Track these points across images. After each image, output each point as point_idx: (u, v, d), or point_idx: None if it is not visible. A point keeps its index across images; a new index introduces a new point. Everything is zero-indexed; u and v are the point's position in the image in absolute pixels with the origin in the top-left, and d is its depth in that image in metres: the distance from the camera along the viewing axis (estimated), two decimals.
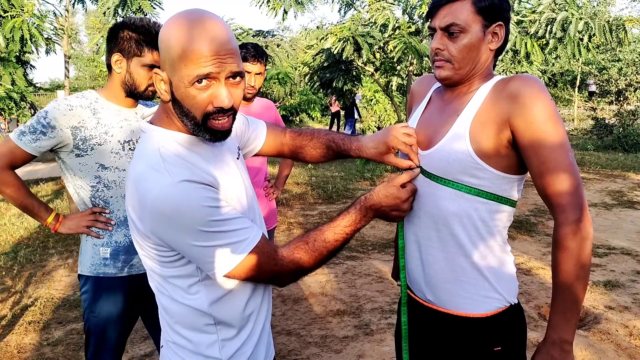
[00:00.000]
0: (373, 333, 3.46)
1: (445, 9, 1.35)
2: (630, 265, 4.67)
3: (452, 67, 1.36)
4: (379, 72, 10.03)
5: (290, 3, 8.22)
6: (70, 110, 1.93)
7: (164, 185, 1.08)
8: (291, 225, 6.35)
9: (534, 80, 1.28)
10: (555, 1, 7.49)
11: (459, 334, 1.41)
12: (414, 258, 1.49)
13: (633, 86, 15.23)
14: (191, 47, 1.09)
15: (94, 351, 2.09)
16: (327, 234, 1.26)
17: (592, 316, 3.67)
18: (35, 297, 4.22)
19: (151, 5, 6.19)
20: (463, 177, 1.34)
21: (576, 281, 1.27)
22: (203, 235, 1.10)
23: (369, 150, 1.48)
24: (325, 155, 1.58)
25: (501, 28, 1.36)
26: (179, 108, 1.15)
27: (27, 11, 5.69)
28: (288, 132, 1.61)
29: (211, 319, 1.23)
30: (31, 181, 9.83)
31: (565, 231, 1.26)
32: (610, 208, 6.87)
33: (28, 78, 6.33)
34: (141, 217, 1.13)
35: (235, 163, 1.31)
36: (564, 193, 1.26)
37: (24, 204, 2.03)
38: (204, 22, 1.11)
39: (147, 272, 1.27)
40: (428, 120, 1.48)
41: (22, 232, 6.17)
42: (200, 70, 1.09)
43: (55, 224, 2.08)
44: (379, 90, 17.20)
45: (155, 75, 1.16)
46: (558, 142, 1.25)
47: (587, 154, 11.71)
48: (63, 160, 2.00)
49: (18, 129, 1.95)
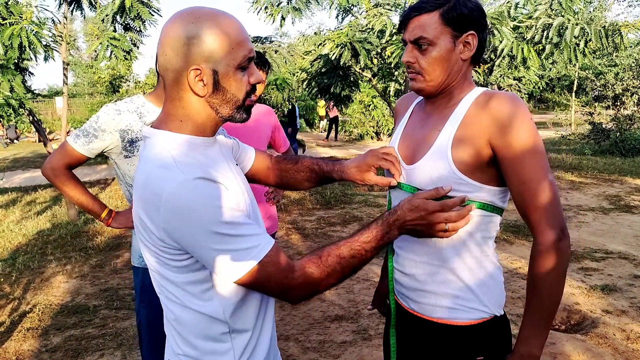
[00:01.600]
0: (371, 338, 3.46)
1: (414, 21, 1.34)
2: (627, 270, 4.68)
3: (424, 80, 1.36)
4: (376, 77, 10.06)
5: (288, 9, 8.25)
6: (119, 114, 2.09)
7: (177, 182, 1.06)
8: (289, 230, 6.36)
9: (515, 101, 1.28)
10: (551, 7, 7.54)
11: (442, 341, 1.41)
12: (400, 268, 1.49)
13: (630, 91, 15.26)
14: (234, 31, 1.14)
15: (148, 345, 2.19)
16: (343, 249, 1.19)
17: (589, 320, 3.68)
18: (34, 304, 4.22)
19: (149, 12, 6.20)
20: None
21: (551, 299, 1.31)
22: (215, 237, 1.07)
23: (351, 170, 1.49)
24: (309, 178, 1.58)
25: (473, 37, 1.34)
26: (221, 97, 1.17)
27: (26, 18, 5.70)
28: (274, 158, 1.61)
29: (226, 326, 1.20)
30: (30, 187, 9.84)
31: (544, 252, 1.28)
32: (608, 212, 6.89)
33: (26, 85, 6.33)
34: (153, 218, 1.09)
35: (236, 169, 1.31)
36: (544, 214, 1.28)
37: (81, 200, 2.17)
38: (218, 11, 1.16)
39: (155, 283, 1.24)
40: (411, 134, 1.48)
41: (20, 239, 6.17)
42: (247, 51, 1.16)
43: (108, 219, 2.21)
44: (376, 96, 17.26)
45: (192, 73, 1.13)
46: (538, 164, 1.27)
47: (585, 159, 11.74)
48: (115, 161, 2.16)
49: (74, 133, 2.11)
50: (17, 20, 5.66)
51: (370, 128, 18.74)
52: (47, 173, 2.12)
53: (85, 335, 3.64)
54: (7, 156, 15.96)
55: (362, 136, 18.96)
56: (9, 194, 9.02)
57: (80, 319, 3.91)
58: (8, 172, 12.32)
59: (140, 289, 2.19)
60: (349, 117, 19.65)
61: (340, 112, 18.70)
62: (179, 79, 1.15)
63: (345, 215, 7.00)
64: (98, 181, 10.40)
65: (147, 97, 2.18)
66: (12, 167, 13.45)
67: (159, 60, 1.17)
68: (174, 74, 1.15)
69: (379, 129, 18.54)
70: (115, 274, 4.93)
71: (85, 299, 4.31)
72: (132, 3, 5.99)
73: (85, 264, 5.25)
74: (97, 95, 23.24)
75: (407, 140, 1.47)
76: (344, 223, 6.63)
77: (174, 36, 1.13)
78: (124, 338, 3.58)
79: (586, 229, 6.07)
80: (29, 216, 7.35)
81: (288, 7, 8.29)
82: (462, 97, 1.38)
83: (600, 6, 20.08)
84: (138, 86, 19.63)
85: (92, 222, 6.77)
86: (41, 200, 8.47)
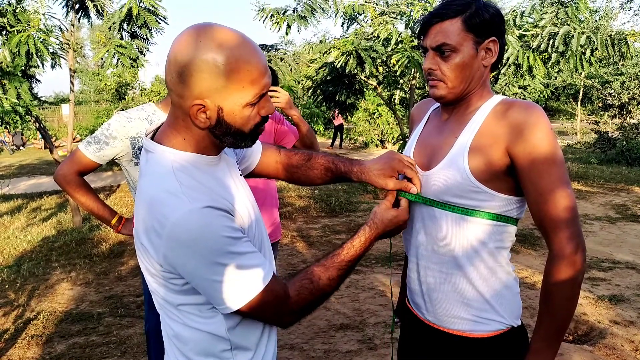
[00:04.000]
0: (377, 347, 3.44)
1: (435, 28, 1.32)
2: (635, 280, 4.64)
3: (446, 87, 1.34)
4: (381, 85, 10.07)
5: (294, 18, 8.28)
6: (129, 122, 2.12)
7: (184, 212, 1.03)
8: (294, 238, 6.34)
9: (534, 109, 1.26)
10: (557, 16, 7.53)
11: (458, 353, 1.40)
12: (413, 278, 1.48)
13: (636, 100, 15.23)
14: (249, 67, 1.05)
15: (156, 352, 2.19)
16: (332, 271, 1.21)
17: (597, 331, 3.65)
18: (38, 311, 4.21)
19: (156, 21, 6.22)
20: (462, 200, 1.32)
21: (565, 312, 1.28)
22: (217, 268, 1.05)
23: (373, 172, 1.40)
24: (322, 176, 1.50)
25: (495, 43, 1.33)
26: (224, 130, 1.11)
27: (34, 26, 5.74)
28: (283, 151, 1.54)
29: (228, 343, 1.18)
30: (35, 194, 9.87)
31: (559, 264, 1.26)
32: (615, 222, 6.84)
33: (33, 92, 6.36)
34: (155, 244, 1.07)
35: (240, 179, 1.28)
36: (561, 225, 1.25)
37: (91, 207, 2.20)
38: (236, 36, 1.07)
39: (155, 299, 1.22)
40: (426, 140, 1.46)
41: (25, 246, 6.17)
42: (260, 88, 1.08)
43: (118, 226, 2.25)
44: (382, 104, 17.26)
45: (194, 107, 1.07)
46: (556, 174, 1.25)
47: (591, 168, 11.70)
48: (125, 168, 2.19)
49: (85, 140, 2.15)
50: (24, 27, 5.69)
51: (375, 136, 18.74)
52: (58, 180, 2.14)
53: (90, 343, 3.63)
54: (13, 163, 16.02)
55: (367, 144, 18.95)
56: (14, 201, 9.05)
57: (84, 326, 3.90)
58: (14, 178, 12.36)
59: (149, 295, 2.19)
60: (354, 124, 19.66)
61: (345, 120, 18.71)
62: (181, 104, 1.09)
63: (350, 223, 6.98)
64: (103, 188, 10.42)
65: (158, 105, 2.21)
66: (18, 173, 13.50)
67: (166, 77, 1.11)
68: (178, 99, 1.09)
69: (383, 137, 18.53)
70: (119, 281, 4.93)
71: (90, 307, 4.30)
72: (139, 11, 6.02)
73: (90, 271, 5.25)
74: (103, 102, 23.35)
75: (423, 147, 1.46)
76: (348, 231, 6.61)
77: (181, 61, 1.05)
78: (128, 346, 3.56)
79: (593, 239, 6.03)
80: (34, 223, 7.36)
81: (294, 15, 8.32)
82: (480, 105, 1.37)
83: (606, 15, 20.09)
84: (144, 93, 19.72)
85: (97, 229, 6.77)
86: (46, 207, 8.48)
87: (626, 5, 21.26)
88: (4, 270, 5.25)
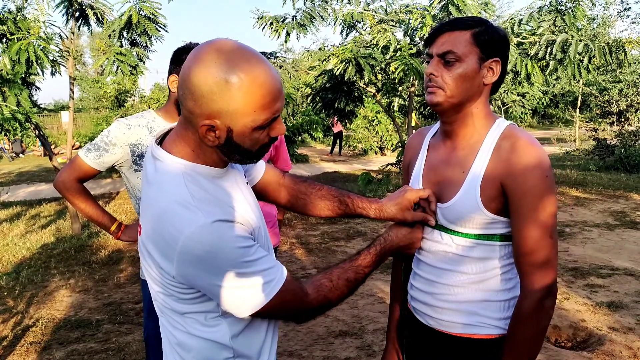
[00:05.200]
0: (375, 354, 3.43)
1: (444, 36, 1.35)
2: (633, 286, 4.64)
3: (444, 94, 1.35)
4: (380, 93, 10.10)
5: (293, 25, 8.32)
6: (129, 129, 2.12)
7: (197, 226, 1.02)
8: (293, 245, 6.34)
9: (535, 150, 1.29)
10: (554, 23, 7.57)
11: (462, 355, 1.42)
12: (422, 292, 1.50)
13: (634, 107, 15.27)
14: (263, 91, 1.04)
15: (154, 359, 2.18)
16: (349, 273, 1.28)
17: (595, 337, 3.65)
18: (37, 318, 4.20)
19: (156, 28, 6.25)
20: (476, 229, 1.36)
21: (530, 350, 1.32)
22: (234, 277, 1.06)
23: (391, 208, 1.45)
24: (333, 208, 1.50)
25: (497, 64, 1.36)
26: (232, 149, 1.10)
27: (34, 34, 5.76)
28: (287, 176, 1.53)
29: (231, 352, 1.18)
30: (34, 201, 9.86)
31: (528, 306, 1.30)
32: (613, 229, 6.85)
33: (33, 99, 6.38)
34: (167, 256, 1.06)
35: (247, 187, 1.28)
36: (538, 267, 1.29)
37: (91, 213, 2.20)
38: (253, 57, 1.05)
39: (158, 307, 1.22)
40: (435, 171, 1.47)
41: (24, 253, 6.17)
42: (272, 112, 1.07)
43: (117, 232, 2.24)
44: (380, 111, 17.30)
45: (203, 127, 1.06)
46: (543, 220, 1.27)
47: (589, 174, 11.71)
48: (125, 175, 2.19)
49: (85, 147, 2.14)
50: (24, 35, 5.72)
51: (374, 143, 18.77)
52: (58, 186, 2.14)
53: (88, 350, 3.62)
54: (13, 170, 16.02)
55: (366, 151, 18.97)
56: (13, 208, 9.05)
57: (83, 333, 3.90)
58: (13, 185, 12.36)
59: (148, 303, 2.19)
60: (353, 132, 19.69)
61: (344, 127, 18.74)
62: (192, 120, 1.08)
63: (349, 230, 6.99)
64: (103, 195, 10.42)
65: (158, 112, 2.21)
66: (17, 180, 13.50)
67: (178, 91, 1.10)
68: (189, 114, 1.08)
69: (382, 144, 18.56)
70: (118, 288, 4.92)
71: (89, 313, 4.30)
72: (139, 19, 6.05)
73: (89, 278, 5.25)
74: (102, 109, 23.40)
75: (432, 177, 1.47)
76: (348, 238, 6.62)
77: (195, 80, 1.03)
78: (126, 353, 3.56)
79: (591, 245, 6.03)
80: (33, 230, 7.36)
81: (293, 23, 8.36)
82: (485, 133, 1.39)
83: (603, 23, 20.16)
84: (143, 101, 19.76)
85: (96, 236, 6.77)
86: (45, 214, 8.48)
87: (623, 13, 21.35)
88: (2, 277, 5.24)
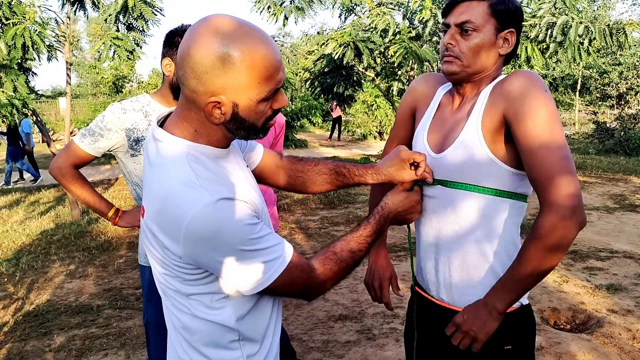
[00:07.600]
0: (375, 338, 3.45)
1: (462, 6, 1.37)
2: (632, 269, 4.66)
3: (461, 64, 1.37)
4: (379, 77, 10.05)
5: (291, 9, 8.26)
6: (124, 113, 2.09)
7: (203, 205, 1.02)
8: (293, 230, 6.35)
9: (528, 75, 1.30)
10: (555, 5, 7.51)
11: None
12: (429, 259, 1.49)
13: (634, 90, 15.23)
14: (266, 63, 1.04)
15: (156, 344, 2.20)
16: (352, 244, 1.25)
17: (595, 320, 3.66)
18: (37, 304, 4.22)
19: (152, 12, 6.19)
20: (478, 178, 1.36)
21: (534, 272, 1.29)
22: (242, 254, 1.06)
23: (387, 169, 1.44)
24: (331, 180, 1.51)
25: (512, 35, 1.38)
26: (238, 125, 1.10)
27: (29, 18, 5.70)
28: (285, 157, 1.53)
29: (236, 334, 1.18)
30: (33, 187, 9.86)
31: (547, 224, 1.24)
32: (612, 212, 6.86)
33: (30, 85, 6.33)
34: (173, 237, 1.06)
35: (247, 170, 1.27)
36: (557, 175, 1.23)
37: (87, 199, 2.18)
38: (252, 30, 1.05)
39: (162, 290, 1.21)
40: (440, 125, 1.48)
41: (24, 239, 6.17)
42: (275, 83, 1.07)
43: (115, 218, 2.22)
44: (379, 95, 17.24)
45: (209, 104, 1.06)
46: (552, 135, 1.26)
47: (589, 158, 11.71)
48: (121, 160, 2.16)
49: (80, 132, 2.12)
50: (20, 20, 5.66)
51: (373, 128, 18.72)
52: (54, 173, 2.13)
53: (89, 335, 3.64)
54: None
55: (365, 136, 18.94)
56: (12, 194, 9.04)
57: (83, 318, 3.91)
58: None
59: (147, 288, 2.19)
60: (352, 116, 19.62)
61: (343, 112, 18.68)
62: (195, 99, 1.07)
63: (349, 215, 6.99)
64: (101, 181, 10.41)
65: (153, 95, 2.19)
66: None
67: (177, 72, 1.08)
68: (191, 93, 1.07)
69: (382, 129, 18.52)
70: (118, 273, 4.93)
71: (89, 299, 4.31)
72: (135, 3, 5.99)
73: (89, 263, 5.25)
74: (100, 95, 23.29)
75: (437, 131, 1.48)
76: (347, 222, 6.62)
77: (196, 57, 1.03)
78: (127, 338, 3.57)
79: (591, 228, 6.04)
80: (33, 216, 7.36)
81: (291, 6, 8.29)
82: (487, 86, 1.41)
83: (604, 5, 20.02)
84: (141, 86, 19.67)
85: (95, 222, 6.78)
86: (45, 201, 8.48)
87: None
88: (3, 263, 5.26)
